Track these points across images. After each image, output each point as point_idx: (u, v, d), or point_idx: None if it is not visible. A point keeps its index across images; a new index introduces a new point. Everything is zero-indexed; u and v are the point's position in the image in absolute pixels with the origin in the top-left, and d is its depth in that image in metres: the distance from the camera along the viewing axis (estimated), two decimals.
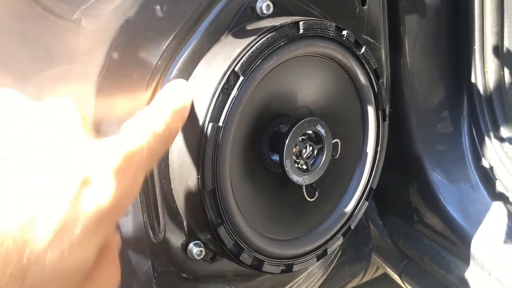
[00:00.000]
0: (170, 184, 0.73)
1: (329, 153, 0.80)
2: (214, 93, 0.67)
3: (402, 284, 1.45)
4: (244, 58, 0.67)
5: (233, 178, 0.71)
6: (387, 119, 0.88)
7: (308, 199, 0.82)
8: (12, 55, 0.58)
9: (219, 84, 0.67)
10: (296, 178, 0.77)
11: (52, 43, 0.60)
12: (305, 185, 0.81)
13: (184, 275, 0.78)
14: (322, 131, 0.78)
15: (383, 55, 0.98)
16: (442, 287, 1.27)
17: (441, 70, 1.24)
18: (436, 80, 1.24)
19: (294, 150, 0.77)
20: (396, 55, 1.15)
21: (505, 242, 1.12)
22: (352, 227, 0.87)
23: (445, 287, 1.25)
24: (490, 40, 1.16)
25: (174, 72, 0.69)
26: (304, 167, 0.78)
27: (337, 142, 0.83)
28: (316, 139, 0.79)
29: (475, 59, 1.19)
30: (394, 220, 1.43)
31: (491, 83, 1.19)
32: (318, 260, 0.83)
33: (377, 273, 1.76)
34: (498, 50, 1.16)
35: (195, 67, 0.70)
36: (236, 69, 0.67)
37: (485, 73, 1.19)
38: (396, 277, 1.46)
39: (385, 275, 1.73)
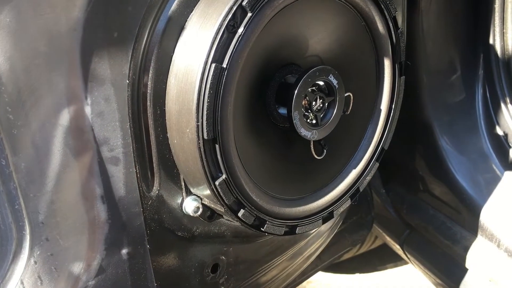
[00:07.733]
0: (166, 133, 0.66)
1: (341, 107, 0.73)
2: (218, 30, 0.59)
3: (403, 255, 1.40)
4: None
5: (235, 129, 0.65)
6: (403, 73, 0.81)
7: (316, 157, 0.76)
8: None
9: (224, 20, 0.59)
10: (304, 132, 0.70)
11: None
12: (313, 142, 0.75)
13: (179, 234, 0.71)
14: (335, 82, 0.71)
15: (401, 6, 0.90)
16: (446, 258, 1.22)
17: (457, 30, 1.16)
18: (451, 41, 1.16)
19: (303, 102, 0.70)
20: (410, 13, 1.07)
21: None
22: (361, 189, 0.81)
23: (449, 257, 1.20)
24: None
25: (174, 5, 0.61)
26: (314, 121, 0.72)
27: (349, 95, 0.76)
28: (328, 91, 0.72)
29: (494, 19, 1.12)
30: (397, 188, 1.38)
31: (511, 45, 1.11)
32: (324, 222, 0.78)
33: (375, 244, 1.72)
34: None
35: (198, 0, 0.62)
36: (243, 3, 0.59)
37: (504, 34, 1.11)
38: (397, 247, 1.42)
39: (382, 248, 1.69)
